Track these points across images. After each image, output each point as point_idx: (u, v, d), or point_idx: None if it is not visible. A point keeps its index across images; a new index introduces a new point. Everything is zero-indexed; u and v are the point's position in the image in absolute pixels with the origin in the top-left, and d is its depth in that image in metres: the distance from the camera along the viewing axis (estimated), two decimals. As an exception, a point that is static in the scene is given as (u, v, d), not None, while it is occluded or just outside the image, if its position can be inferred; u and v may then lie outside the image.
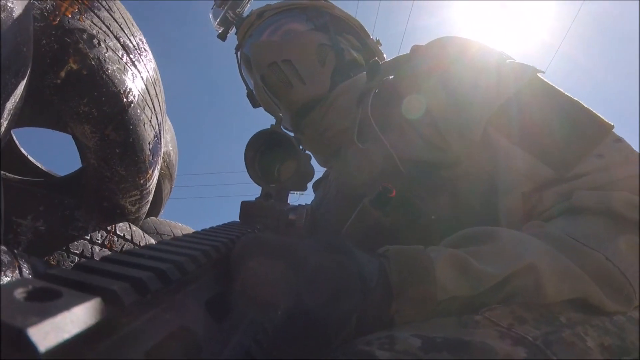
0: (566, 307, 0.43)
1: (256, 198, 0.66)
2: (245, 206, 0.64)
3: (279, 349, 0.38)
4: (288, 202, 0.70)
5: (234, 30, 1.01)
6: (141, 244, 1.39)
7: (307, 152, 0.92)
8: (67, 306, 0.18)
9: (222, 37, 1.03)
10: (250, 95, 1.02)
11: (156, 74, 1.53)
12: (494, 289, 0.42)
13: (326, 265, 0.40)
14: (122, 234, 1.34)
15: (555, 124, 0.59)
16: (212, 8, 1.01)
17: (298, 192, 0.92)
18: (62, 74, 1.04)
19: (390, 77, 0.84)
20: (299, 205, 0.66)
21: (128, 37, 1.34)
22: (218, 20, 1.01)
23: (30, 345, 0.15)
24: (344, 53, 0.88)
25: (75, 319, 0.18)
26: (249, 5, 0.99)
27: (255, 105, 1.02)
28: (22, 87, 0.92)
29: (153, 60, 1.52)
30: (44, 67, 1.03)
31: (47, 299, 0.18)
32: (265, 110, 1.01)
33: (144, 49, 1.45)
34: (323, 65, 0.85)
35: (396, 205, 0.64)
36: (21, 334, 0.15)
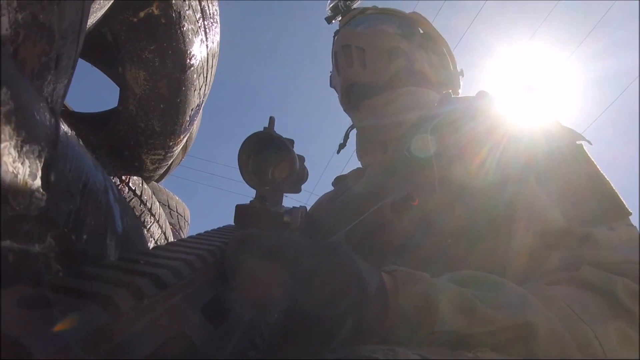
0: None
1: (250, 201, 0.65)
2: (240, 209, 0.63)
3: (276, 352, 0.39)
4: (283, 204, 0.69)
5: (339, 18, 1.13)
6: (148, 204, 1.36)
7: (354, 129, 1.03)
8: (64, 314, 0.18)
9: (329, 20, 1.15)
10: (332, 76, 1.12)
11: (217, 48, 1.54)
12: (489, 334, 0.44)
13: (323, 267, 0.40)
14: (133, 188, 1.30)
15: (581, 187, 0.64)
16: None
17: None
18: (142, 14, 1.03)
19: (452, 126, 0.86)
20: (293, 207, 0.66)
21: (208, 3, 1.34)
22: (331, 5, 1.13)
23: (26, 354, 0.15)
24: (414, 63, 0.96)
25: (72, 327, 0.18)
26: None
27: (331, 84, 1.13)
28: (103, 11, 0.90)
29: (219, 34, 1.53)
30: (127, 1, 1.02)
31: (44, 307, 0.19)
32: (335, 89, 1.10)
33: (216, 21, 1.46)
34: (389, 64, 0.93)
35: (414, 214, 0.67)
36: (17, 342, 0.15)
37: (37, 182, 0.21)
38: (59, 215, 0.24)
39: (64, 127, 0.30)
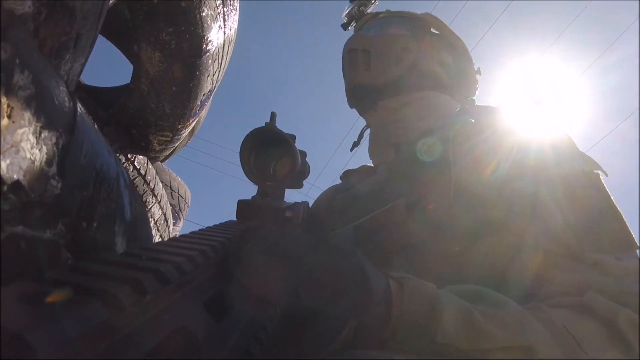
0: None
1: (253, 196, 0.65)
2: (242, 205, 0.63)
3: (278, 348, 0.39)
4: (284, 199, 0.69)
5: (354, 24, 1.14)
6: (151, 184, 1.36)
7: (366, 130, 1.03)
8: (67, 309, 0.19)
9: (344, 26, 1.16)
10: None
11: (234, 35, 1.52)
12: (489, 352, 0.44)
13: (327, 264, 0.40)
14: (138, 167, 1.30)
15: (595, 215, 0.65)
16: (349, 1, 1.15)
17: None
18: (163, -5, 1.02)
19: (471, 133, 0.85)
20: (295, 202, 0.66)
21: (228, -10, 1.33)
22: (346, 12, 1.14)
23: (29, 349, 0.15)
24: (422, 62, 0.96)
25: (74, 322, 0.18)
26: (375, 3, 1.13)
27: None
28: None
29: (237, 22, 1.52)
30: (148, -18, 1.01)
31: (47, 302, 0.19)
32: None
33: (236, 8, 1.45)
34: (396, 65, 0.93)
35: (427, 218, 0.67)
36: (20, 337, 0.15)
37: (53, 169, 0.21)
38: (71, 202, 0.23)
39: (81, 110, 0.29)
